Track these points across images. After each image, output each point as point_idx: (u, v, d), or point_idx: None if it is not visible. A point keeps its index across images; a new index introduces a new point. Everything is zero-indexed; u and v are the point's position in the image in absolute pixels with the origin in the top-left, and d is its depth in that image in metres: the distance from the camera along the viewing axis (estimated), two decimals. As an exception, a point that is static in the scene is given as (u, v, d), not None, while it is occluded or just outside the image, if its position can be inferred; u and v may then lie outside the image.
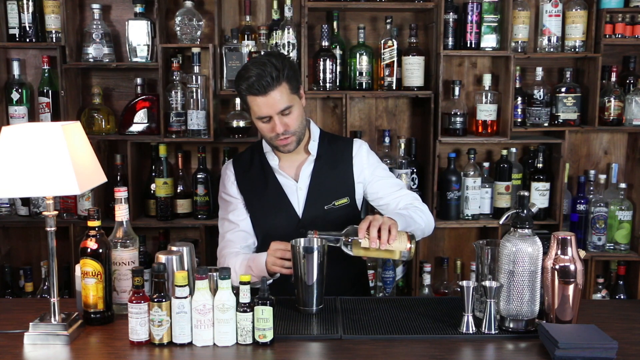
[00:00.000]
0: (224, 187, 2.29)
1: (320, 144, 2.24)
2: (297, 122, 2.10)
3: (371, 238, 1.83)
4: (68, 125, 1.74)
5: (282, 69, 2.02)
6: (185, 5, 3.04)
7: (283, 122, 2.07)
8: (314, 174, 2.21)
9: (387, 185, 2.25)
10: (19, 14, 3.05)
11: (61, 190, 1.69)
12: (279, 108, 2.04)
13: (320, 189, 2.21)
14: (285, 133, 2.08)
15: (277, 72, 2.01)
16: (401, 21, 3.24)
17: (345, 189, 2.23)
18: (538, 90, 3.12)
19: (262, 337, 1.68)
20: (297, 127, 2.11)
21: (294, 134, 2.11)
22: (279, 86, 2.02)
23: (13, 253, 3.33)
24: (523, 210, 1.75)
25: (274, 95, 2.02)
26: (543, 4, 3.12)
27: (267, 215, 2.22)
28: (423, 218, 2.14)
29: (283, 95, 2.04)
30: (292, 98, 2.07)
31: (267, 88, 2.01)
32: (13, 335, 1.76)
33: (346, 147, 2.26)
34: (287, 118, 2.07)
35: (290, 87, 2.06)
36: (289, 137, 2.10)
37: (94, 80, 3.26)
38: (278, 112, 2.05)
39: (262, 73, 2.00)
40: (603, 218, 3.18)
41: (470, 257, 3.27)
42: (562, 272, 1.73)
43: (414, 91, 3.12)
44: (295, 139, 2.13)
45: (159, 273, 1.70)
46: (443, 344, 1.71)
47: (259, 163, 2.26)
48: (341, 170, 2.24)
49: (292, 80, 2.06)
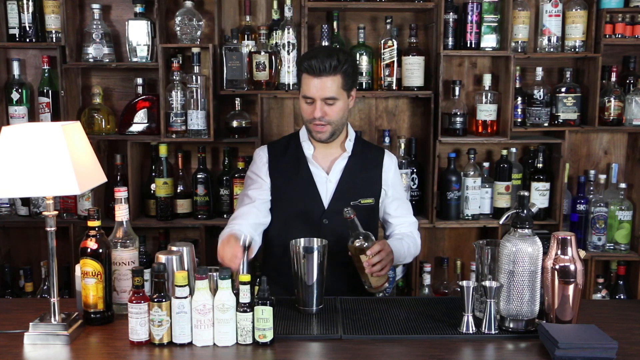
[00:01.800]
0: (255, 166, 2.37)
1: (354, 145, 2.34)
2: (337, 115, 2.21)
3: (369, 262, 1.99)
4: (68, 125, 1.74)
5: (343, 64, 2.17)
6: (185, 5, 3.04)
7: (323, 109, 2.19)
8: (346, 170, 2.30)
9: (400, 207, 2.38)
10: (19, 14, 3.05)
11: (61, 190, 1.69)
12: (324, 95, 2.17)
13: (350, 184, 2.29)
14: (322, 120, 2.20)
15: (337, 63, 2.16)
16: (401, 21, 3.24)
17: (373, 190, 2.33)
18: (538, 90, 3.12)
19: (262, 337, 1.68)
20: (335, 119, 2.22)
21: (330, 124, 2.22)
22: (333, 76, 2.16)
23: (13, 253, 3.33)
24: (523, 210, 1.75)
25: (325, 81, 2.16)
26: (543, 4, 3.12)
27: (294, 200, 2.28)
28: (412, 249, 2.33)
29: (333, 86, 2.17)
30: (341, 93, 2.20)
31: (322, 72, 2.15)
32: (13, 335, 1.76)
33: (379, 154, 2.40)
34: (329, 108, 2.19)
35: (344, 82, 2.19)
36: (325, 125, 2.22)
37: (94, 80, 3.26)
38: (322, 98, 2.18)
39: (324, 59, 2.15)
40: (603, 218, 3.18)
41: (470, 257, 3.27)
42: (562, 272, 1.73)
43: (414, 91, 3.12)
44: (330, 130, 2.23)
45: (159, 273, 1.70)
46: (443, 344, 1.71)
47: (294, 150, 2.34)
48: (371, 172, 2.34)
49: (348, 78, 2.20)
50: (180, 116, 3.01)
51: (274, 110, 3.29)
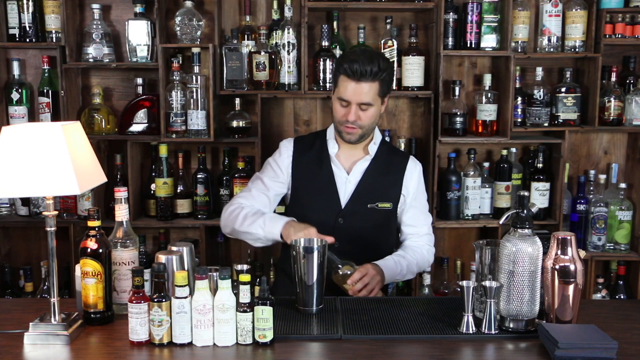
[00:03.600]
0: (278, 156, 2.40)
1: (379, 148, 2.36)
2: (369, 120, 2.25)
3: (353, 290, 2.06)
4: (68, 125, 1.74)
5: (383, 71, 2.19)
6: (185, 5, 3.04)
7: (357, 114, 2.22)
8: (367, 172, 2.32)
9: (415, 216, 2.39)
10: (19, 14, 3.05)
11: (61, 190, 1.69)
12: (361, 100, 2.20)
13: (369, 187, 2.31)
14: (354, 124, 2.23)
15: (377, 70, 2.18)
16: (401, 21, 3.24)
17: (391, 194, 2.34)
18: (538, 90, 3.12)
19: (262, 337, 1.68)
20: (367, 124, 2.25)
21: (361, 128, 2.25)
22: (372, 82, 2.18)
23: (13, 253, 3.33)
24: (523, 210, 1.75)
25: (364, 86, 2.18)
26: (543, 4, 3.12)
27: (312, 197, 2.32)
28: (413, 266, 2.31)
29: (370, 92, 2.20)
30: (376, 99, 2.23)
31: (362, 77, 2.17)
32: (13, 335, 1.76)
33: (402, 160, 2.40)
34: (363, 112, 2.23)
35: (380, 89, 2.22)
36: (356, 129, 2.25)
37: (94, 80, 3.26)
38: (358, 103, 2.20)
39: (366, 64, 2.16)
40: (603, 218, 3.18)
41: (470, 257, 3.27)
42: (562, 272, 1.73)
43: (414, 91, 3.12)
44: (361, 133, 2.27)
45: (159, 273, 1.70)
46: (443, 344, 1.71)
47: (319, 147, 2.37)
48: (392, 177, 2.34)
49: (384, 85, 2.23)
50: (180, 116, 3.01)
51: (273, 111, 3.29)
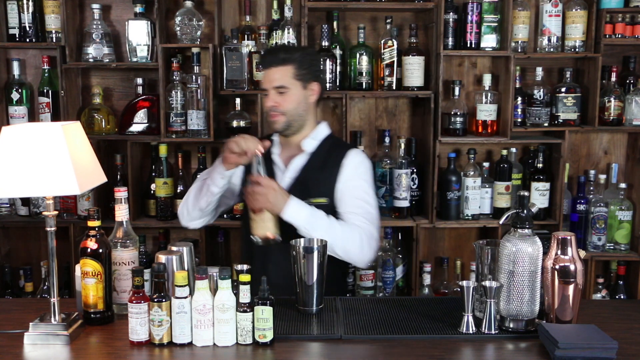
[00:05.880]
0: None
1: (321, 144, 2.35)
2: (290, 105, 2.28)
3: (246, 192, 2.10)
4: (68, 125, 1.74)
5: (292, 55, 2.27)
6: (185, 5, 3.04)
7: (275, 99, 2.27)
8: (303, 168, 2.32)
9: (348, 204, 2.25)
10: (19, 14, 3.05)
11: (61, 190, 1.69)
12: (274, 84, 2.27)
13: (303, 183, 2.30)
14: (275, 110, 2.28)
15: (287, 55, 2.27)
16: (401, 21, 3.24)
17: (327, 189, 2.30)
18: (538, 90, 3.12)
19: (262, 337, 1.68)
20: (289, 109, 2.28)
21: (283, 114, 2.28)
22: (283, 66, 2.26)
23: (13, 253, 3.33)
24: (523, 210, 1.75)
25: (274, 71, 2.27)
26: (543, 4, 3.12)
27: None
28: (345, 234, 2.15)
29: (283, 76, 2.26)
30: (293, 83, 2.27)
31: (271, 64, 2.27)
32: (13, 335, 1.76)
33: (342, 153, 2.33)
34: (281, 97, 2.27)
35: (296, 73, 2.27)
36: (279, 115, 2.29)
37: (94, 80, 3.26)
38: (273, 88, 2.27)
39: (274, 52, 2.31)
40: (603, 218, 3.18)
41: (470, 257, 3.27)
42: (562, 272, 1.73)
43: (414, 91, 3.12)
44: (285, 120, 2.29)
45: (159, 273, 1.70)
46: (443, 344, 1.71)
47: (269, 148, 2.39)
48: (329, 171, 2.30)
49: (301, 69, 2.27)
50: (180, 116, 3.01)
51: (274, 110, 3.29)
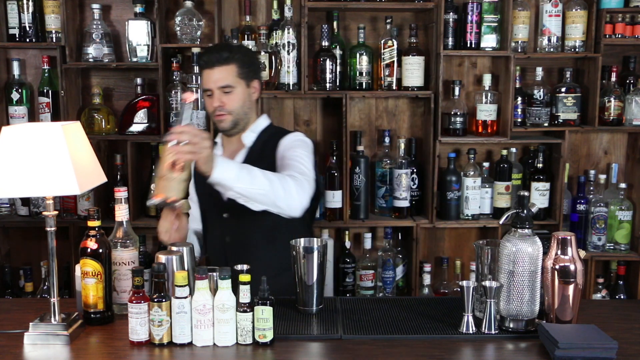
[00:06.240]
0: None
1: (259, 136, 2.34)
2: (236, 104, 2.26)
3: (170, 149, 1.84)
4: (68, 125, 1.74)
5: (235, 54, 2.25)
6: (185, 5, 3.04)
7: (221, 99, 2.25)
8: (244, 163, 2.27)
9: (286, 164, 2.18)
10: (19, 14, 3.05)
11: (61, 190, 1.69)
12: (219, 84, 2.24)
13: None
14: (222, 110, 2.25)
15: (229, 54, 2.24)
16: (401, 21, 3.24)
17: None
18: (538, 90, 3.12)
19: (262, 337, 1.68)
20: (235, 108, 2.27)
21: (230, 114, 2.26)
22: (226, 66, 2.23)
23: (13, 253, 3.32)
24: (523, 210, 1.75)
25: (218, 71, 2.23)
26: (543, 4, 3.12)
27: (203, 196, 2.40)
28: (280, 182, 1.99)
29: (228, 75, 2.23)
30: (238, 82, 2.25)
31: (214, 63, 2.23)
32: (13, 335, 1.76)
33: (278, 138, 2.30)
34: (226, 97, 2.25)
35: (240, 72, 2.25)
36: (225, 115, 2.26)
37: (94, 80, 3.26)
38: (218, 88, 2.24)
39: (215, 51, 2.25)
40: (603, 218, 3.18)
41: (470, 257, 3.27)
42: (562, 272, 1.73)
43: (414, 91, 3.11)
44: (231, 119, 2.27)
45: (159, 273, 1.70)
46: (443, 344, 1.71)
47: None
48: (266, 162, 2.24)
49: (244, 67, 2.26)
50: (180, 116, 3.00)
51: (274, 110, 3.29)
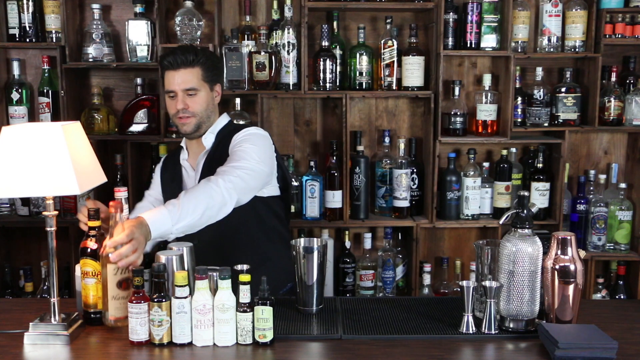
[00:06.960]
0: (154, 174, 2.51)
1: (217, 136, 2.32)
2: (200, 107, 2.26)
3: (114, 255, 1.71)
4: (68, 125, 1.74)
5: (200, 57, 2.25)
6: (185, 5, 3.04)
7: (185, 101, 2.25)
8: (205, 164, 2.31)
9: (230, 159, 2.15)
10: (19, 14, 3.05)
11: (61, 190, 1.69)
12: (184, 86, 2.24)
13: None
14: (185, 112, 2.25)
15: (194, 56, 2.24)
16: (401, 21, 3.24)
17: None
18: (538, 90, 3.12)
19: (262, 337, 1.68)
20: (199, 110, 2.26)
21: (193, 116, 2.26)
22: (191, 68, 2.24)
23: (13, 253, 3.33)
24: (523, 210, 1.75)
25: (183, 73, 2.23)
26: (543, 4, 3.12)
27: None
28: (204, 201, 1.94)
29: (193, 78, 2.24)
30: (202, 84, 2.26)
31: (179, 65, 2.23)
32: (13, 335, 1.76)
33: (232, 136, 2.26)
34: (190, 99, 2.25)
35: (204, 75, 2.26)
36: (189, 117, 2.26)
37: (94, 80, 3.26)
38: (183, 90, 2.24)
39: (181, 53, 2.24)
40: (603, 218, 3.18)
41: (470, 257, 3.27)
42: (562, 272, 1.73)
43: (414, 91, 3.12)
44: (195, 122, 2.27)
45: (159, 273, 1.70)
46: (443, 344, 1.71)
47: (178, 156, 2.42)
48: (224, 161, 2.17)
49: (208, 71, 2.27)
50: (180, 116, 3.01)
51: (274, 110, 3.29)
